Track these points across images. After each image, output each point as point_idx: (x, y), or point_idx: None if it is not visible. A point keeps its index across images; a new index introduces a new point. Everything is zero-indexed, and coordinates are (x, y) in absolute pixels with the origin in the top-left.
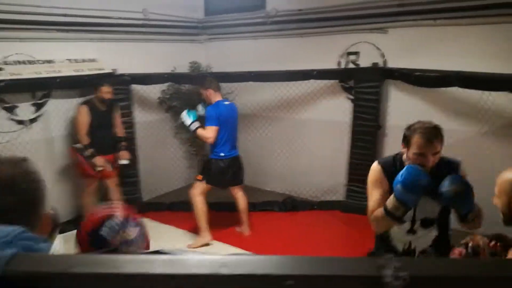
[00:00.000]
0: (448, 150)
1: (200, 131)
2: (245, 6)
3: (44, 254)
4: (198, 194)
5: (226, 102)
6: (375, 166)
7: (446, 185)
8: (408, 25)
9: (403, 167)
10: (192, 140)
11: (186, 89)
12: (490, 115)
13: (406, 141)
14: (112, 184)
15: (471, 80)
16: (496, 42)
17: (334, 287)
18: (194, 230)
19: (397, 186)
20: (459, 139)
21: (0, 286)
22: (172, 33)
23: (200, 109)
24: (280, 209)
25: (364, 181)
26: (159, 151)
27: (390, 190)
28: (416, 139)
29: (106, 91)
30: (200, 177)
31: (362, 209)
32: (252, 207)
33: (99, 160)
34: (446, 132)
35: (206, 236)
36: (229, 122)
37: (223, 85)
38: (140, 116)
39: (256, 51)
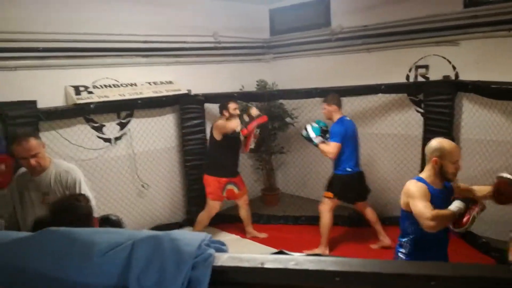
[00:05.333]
0: None
1: (323, 146)
2: (310, 24)
3: (234, 254)
4: (327, 210)
5: (347, 118)
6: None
7: None
8: (480, 36)
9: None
10: (259, 155)
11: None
12: None
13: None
14: (243, 203)
15: None
16: None
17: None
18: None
19: None
20: None
21: (212, 277)
22: (240, 54)
23: (310, 129)
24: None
25: None
26: None
27: None
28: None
29: (234, 108)
30: (330, 194)
31: None
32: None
33: (253, 110)
34: None
35: (324, 250)
36: (353, 137)
37: (290, 101)
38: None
39: (320, 68)
